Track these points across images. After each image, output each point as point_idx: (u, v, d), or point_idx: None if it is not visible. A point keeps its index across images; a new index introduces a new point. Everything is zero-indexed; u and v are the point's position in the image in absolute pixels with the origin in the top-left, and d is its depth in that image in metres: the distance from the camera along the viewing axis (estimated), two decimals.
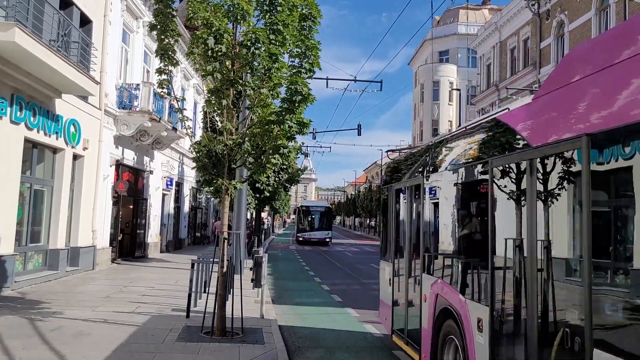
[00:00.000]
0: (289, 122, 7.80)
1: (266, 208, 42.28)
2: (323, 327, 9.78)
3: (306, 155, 51.05)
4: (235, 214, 16.93)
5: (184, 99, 10.34)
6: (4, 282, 10.94)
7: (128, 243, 19.87)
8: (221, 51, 7.51)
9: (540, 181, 3.93)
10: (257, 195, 25.76)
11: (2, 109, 10.88)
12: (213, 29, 7.44)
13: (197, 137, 16.43)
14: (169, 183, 23.60)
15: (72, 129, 13.94)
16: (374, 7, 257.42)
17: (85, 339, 7.45)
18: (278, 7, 7.56)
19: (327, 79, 25.21)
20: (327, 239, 40.33)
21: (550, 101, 4.28)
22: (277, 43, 7.55)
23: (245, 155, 8.07)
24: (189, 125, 8.73)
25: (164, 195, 23.42)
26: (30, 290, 11.40)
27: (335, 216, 52.60)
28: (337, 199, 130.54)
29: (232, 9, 7.50)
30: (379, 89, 28.50)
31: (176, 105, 8.67)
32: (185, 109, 8.98)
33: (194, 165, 8.85)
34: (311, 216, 42.08)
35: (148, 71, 20.51)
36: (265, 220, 47.82)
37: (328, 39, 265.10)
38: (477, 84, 41.13)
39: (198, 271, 10.10)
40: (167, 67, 8.23)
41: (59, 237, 13.66)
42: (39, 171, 13.18)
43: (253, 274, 10.43)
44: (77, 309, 9.57)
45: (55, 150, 13.65)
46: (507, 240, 4.27)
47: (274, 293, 13.45)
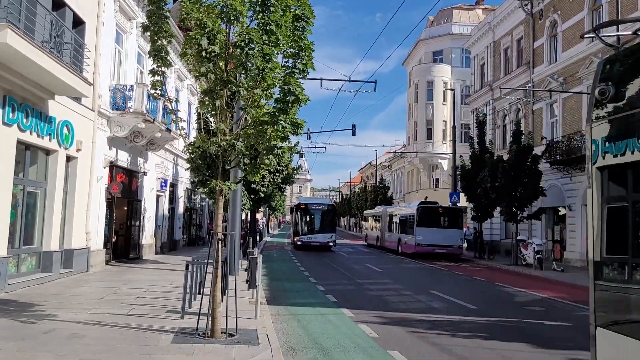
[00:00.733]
0: (282, 122, 7.81)
1: (261, 209, 42.14)
2: (318, 327, 9.78)
3: (301, 155, 50.93)
4: (230, 214, 16.91)
5: (178, 100, 10.30)
6: None
7: (122, 245, 19.81)
8: (215, 52, 7.51)
9: None
10: (252, 196, 25.74)
11: None
12: (206, 30, 7.44)
13: (191, 138, 16.42)
14: (163, 184, 23.54)
15: (65, 130, 13.88)
16: (368, 7, 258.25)
17: (79, 341, 7.42)
18: (271, 8, 7.57)
19: (322, 79, 25.24)
20: (331, 243, 34.07)
21: None
22: (270, 43, 7.56)
23: (240, 156, 8.07)
24: (182, 127, 8.71)
25: (158, 196, 23.37)
26: (24, 293, 11.34)
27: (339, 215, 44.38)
28: (332, 199, 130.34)
29: (225, 9, 7.51)
30: (373, 89, 28.52)
31: (170, 106, 8.65)
32: (179, 110, 8.96)
33: (188, 166, 8.84)
34: (311, 215, 35.36)
35: (142, 72, 20.45)
36: (260, 221, 47.77)
37: (322, 39, 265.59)
38: (471, 83, 41.27)
39: (192, 272, 10.09)
40: (160, 68, 8.22)
41: (53, 239, 13.60)
42: (32, 173, 13.12)
43: (248, 274, 10.42)
44: (71, 311, 9.53)
45: (48, 152, 13.59)
46: None
47: (268, 294, 13.44)
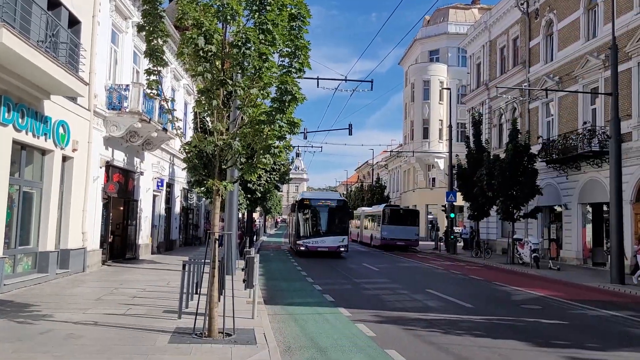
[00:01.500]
0: (279, 121, 7.81)
1: (258, 208, 42.08)
2: (315, 327, 9.78)
3: (298, 154, 50.85)
4: (226, 214, 16.89)
5: (174, 99, 10.28)
6: None
7: (119, 245, 19.77)
8: (211, 51, 7.50)
9: None
10: (249, 196, 25.72)
11: None
12: (203, 29, 7.42)
13: (188, 138, 16.39)
14: (159, 184, 23.49)
15: (61, 130, 13.84)
16: (363, 7, 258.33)
17: (75, 341, 7.40)
18: (267, 7, 7.56)
19: (318, 78, 25.17)
20: (342, 248, 27.99)
21: None
22: (267, 43, 7.56)
23: (236, 156, 8.05)
24: (179, 126, 8.69)
25: (154, 196, 23.32)
26: (20, 293, 11.31)
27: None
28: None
29: (221, 8, 7.49)
30: (369, 88, 28.42)
31: (166, 106, 8.63)
32: (176, 110, 8.95)
33: (185, 166, 8.82)
34: (317, 214, 28.87)
35: (138, 72, 20.41)
36: (257, 221, 47.74)
37: (318, 38, 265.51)
38: (467, 83, 41.33)
39: (189, 272, 10.08)
40: (156, 68, 8.20)
41: (49, 239, 13.56)
42: (27, 173, 13.08)
43: (245, 274, 10.41)
44: (68, 311, 9.51)
45: (44, 152, 13.55)
46: None
47: (266, 293, 13.43)
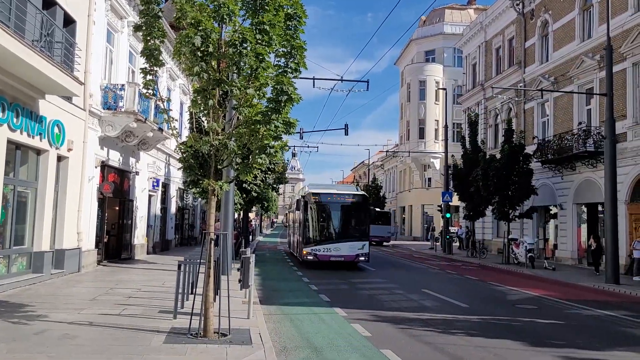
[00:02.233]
0: (275, 121, 7.81)
1: (253, 208, 42.03)
2: (311, 326, 9.79)
3: (294, 154, 50.79)
4: (222, 214, 16.87)
5: (170, 99, 10.27)
6: None
7: (114, 245, 19.72)
8: (208, 51, 7.49)
9: None
10: (244, 196, 25.69)
11: None
12: (200, 28, 7.41)
13: (183, 138, 16.36)
14: (155, 184, 23.44)
15: (56, 130, 13.79)
16: (359, 7, 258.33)
17: (70, 342, 7.38)
18: (264, 7, 7.56)
19: (314, 78, 25.17)
20: (361, 257, 21.54)
21: None
22: (263, 43, 7.55)
23: (232, 156, 8.05)
24: (175, 126, 8.67)
25: (150, 196, 23.27)
26: (15, 294, 11.26)
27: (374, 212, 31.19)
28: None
29: (218, 8, 7.48)
30: (365, 88, 28.47)
31: (162, 105, 8.61)
32: (171, 110, 8.93)
33: (181, 166, 8.80)
34: (331, 213, 22.40)
35: (133, 71, 20.35)
36: (253, 221, 47.69)
37: (314, 39, 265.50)
38: (463, 83, 41.41)
39: (185, 272, 10.06)
40: (152, 68, 8.19)
41: (44, 239, 13.51)
42: (22, 173, 13.02)
43: (240, 274, 10.41)
44: (63, 311, 9.48)
45: (39, 152, 13.50)
46: None
47: (261, 293, 13.43)
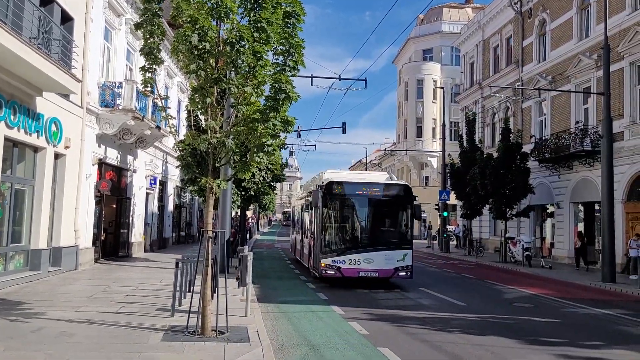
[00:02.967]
0: (273, 120, 7.80)
1: (251, 207, 42.00)
2: (308, 325, 9.80)
3: (291, 153, 50.75)
4: (219, 212, 16.85)
5: (168, 97, 10.26)
6: None
7: (111, 243, 19.69)
8: (205, 49, 7.48)
9: None
10: (242, 194, 25.67)
11: None
12: (197, 27, 7.40)
13: (181, 136, 16.33)
14: (152, 182, 23.42)
15: (53, 127, 13.76)
16: (357, 6, 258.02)
17: (68, 339, 7.37)
18: (262, 5, 7.55)
19: (312, 77, 25.08)
20: (402, 272, 15.58)
21: None
22: (261, 41, 7.54)
23: (230, 154, 8.05)
24: (172, 124, 8.67)
25: (147, 194, 23.25)
26: (12, 291, 11.25)
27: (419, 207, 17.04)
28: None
29: (215, 6, 7.47)
30: (363, 87, 28.42)
31: (160, 103, 8.61)
32: (169, 107, 8.93)
33: (178, 164, 8.80)
34: (359, 211, 16.57)
35: (131, 69, 20.31)
36: (250, 219, 47.64)
37: (312, 37, 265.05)
38: (461, 82, 41.44)
39: (182, 270, 10.06)
40: (151, 66, 8.18)
41: (41, 237, 13.48)
42: (19, 170, 13.00)
43: (238, 272, 10.41)
44: (60, 309, 9.47)
45: (36, 149, 13.47)
46: None
47: (259, 291, 13.44)
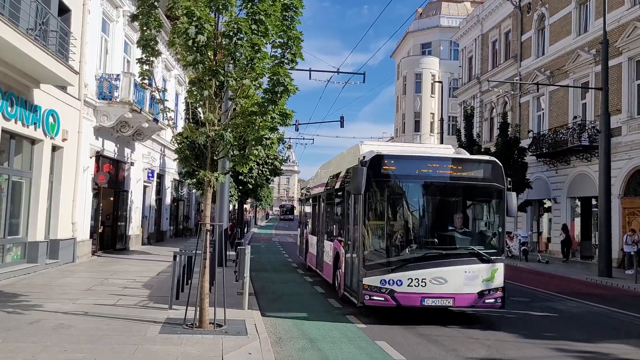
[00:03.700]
0: (271, 113, 7.78)
1: (249, 200, 42.02)
2: (306, 318, 9.82)
3: (289, 146, 50.68)
4: (217, 206, 16.85)
5: (165, 89, 10.22)
6: None
7: (109, 235, 19.69)
8: (203, 41, 7.44)
9: None
10: (240, 188, 25.66)
11: None
12: (194, 19, 7.36)
13: (179, 129, 16.31)
14: (150, 175, 23.39)
15: (50, 119, 13.72)
16: None
17: (65, 331, 7.38)
18: None
19: (310, 70, 25.04)
20: (490, 299, 9.29)
21: None
22: (259, 33, 7.51)
23: (228, 147, 8.03)
24: (170, 117, 8.64)
25: (145, 187, 23.22)
26: (9, 283, 11.24)
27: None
28: None
29: None
30: (361, 81, 28.37)
31: (157, 96, 8.58)
32: (167, 100, 8.90)
33: (176, 157, 8.78)
34: (428, 201, 9.79)
35: (128, 61, 20.22)
36: (249, 213, 47.68)
37: (310, 30, 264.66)
38: (459, 76, 41.39)
39: (180, 263, 10.07)
40: (149, 58, 8.14)
41: (38, 229, 13.47)
42: (17, 162, 12.96)
43: (236, 265, 10.42)
44: (58, 301, 9.47)
45: (33, 141, 13.43)
46: None
47: (257, 285, 13.44)
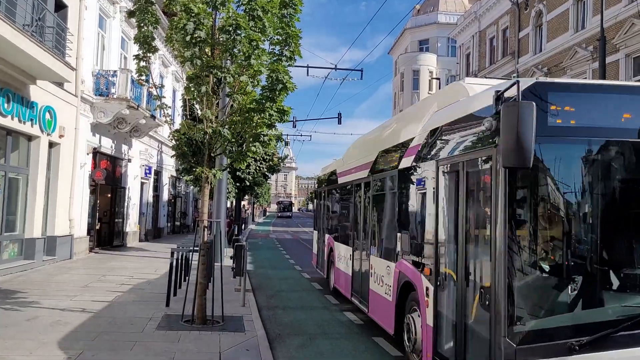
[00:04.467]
0: (269, 110, 7.77)
1: (246, 197, 42.02)
2: (304, 314, 9.84)
3: (287, 143, 50.55)
4: (215, 202, 16.85)
5: (163, 86, 10.19)
6: None
7: (106, 232, 19.67)
8: (200, 37, 7.42)
9: None
10: (238, 184, 25.66)
11: None
12: (192, 15, 7.34)
13: (176, 125, 16.25)
14: (147, 171, 23.36)
15: (47, 116, 13.68)
16: None
17: (63, 328, 7.37)
18: None
19: (308, 67, 25.08)
20: None
21: None
22: (257, 30, 7.49)
23: (226, 143, 8.02)
24: (168, 113, 8.62)
25: (142, 183, 23.19)
26: (6, 280, 11.22)
27: None
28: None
29: None
30: (359, 77, 28.38)
31: (155, 92, 8.55)
32: (164, 97, 8.88)
33: (173, 153, 8.77)
34: None
35: (125, 57, 20.17)
36: (246, 210, 47.68)
37: (308, 27, 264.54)
38: (457, 73, 41.37)
39: (178, 260, 10.06)
40: (146, 54, 8.11)
41: (35, 226, 13.45)
42: (13, 159, 12.92)
43: (234, 262, 10.42)
44: (55, 298, 9.46)
45: (30, 138, 13.39)
46: None
47: (254, 281, 13.46)
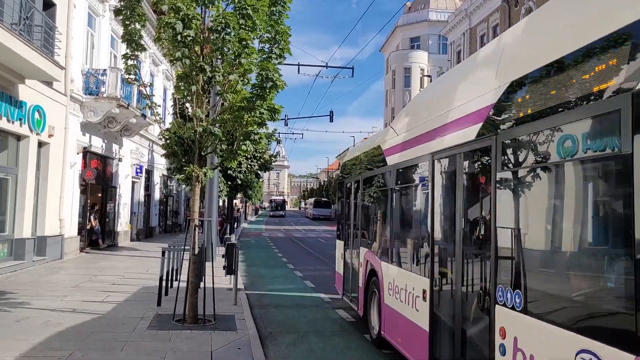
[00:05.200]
0: (259, 108, 7.76)
1: (238, 195, 41.92)
2: (296, 312, 9.85)
3: (279, 141, 50.56)
4: (206, 201, 16.81)
5: (153, 85, 10.15)
6: None
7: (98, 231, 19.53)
8: (190, 36, 7.39)
9: None
10: (229, 183, 25.61)
11: None
12: (181, 14, 7.30)
13: (167, 124, 16.20)
14: (138, 170, 23.25)
15: (36, 115, 13.58)
16: None
17: (53, 329, 7.33)
18: None
19: (299, 65, 25.04)
20: None
21: None
22: (246, 28, 7.48)
23: (216, 142, 8.01)
24: (158, 112, 8.59)
25: (133, 183, 23.08)
26: None
27: None
28: (310, 186, 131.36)
29: None
30: (350, 75, 28.41)
31: (145, 91, 8.51)
32: (154, 95, 8.84)
33: (164, 152, 8.74)
34: None
35: (115, 56, 20.05)
36: (238, 208, 47.58)
37: (299, 25, 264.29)
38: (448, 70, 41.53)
39: (169, 259, 10.03)
40: (134, 53, 8.07)
41: (25, 226, 13.35)
42: (2, 159, 12.83)
43: (225, 261, 10.40)
44: (45, 299, 9.41)
45: (19, 137, 13.29)
46: None
47: (246, 280, 13.45)
